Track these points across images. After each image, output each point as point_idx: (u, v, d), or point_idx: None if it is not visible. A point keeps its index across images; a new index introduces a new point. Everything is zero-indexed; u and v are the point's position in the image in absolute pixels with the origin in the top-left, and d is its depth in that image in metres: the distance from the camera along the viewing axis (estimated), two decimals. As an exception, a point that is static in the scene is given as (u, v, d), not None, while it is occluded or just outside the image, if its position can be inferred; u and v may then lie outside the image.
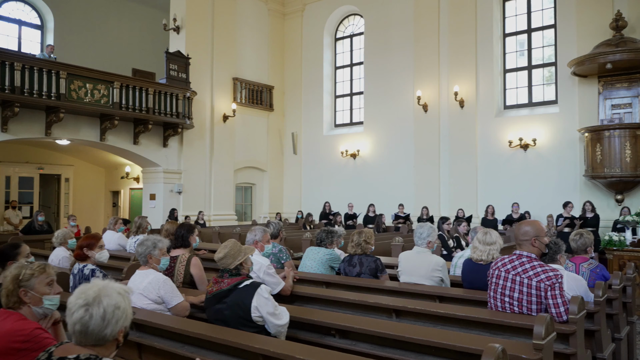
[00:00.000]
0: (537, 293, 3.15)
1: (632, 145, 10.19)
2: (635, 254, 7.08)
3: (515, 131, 12.36)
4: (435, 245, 4.55)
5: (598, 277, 4.27)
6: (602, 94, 11.28)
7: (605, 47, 10.51)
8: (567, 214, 10.29)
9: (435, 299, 4.17)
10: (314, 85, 16.34)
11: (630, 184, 10.55)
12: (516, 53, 13.16)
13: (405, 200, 13.46)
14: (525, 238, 3.33)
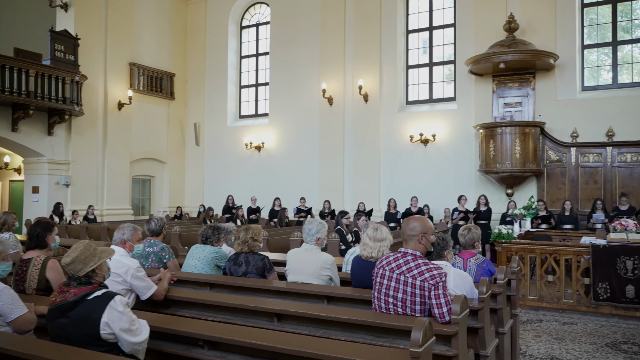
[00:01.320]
0: (421, 293, 3.00)
1: (521, 142, 10.71)
2: (522, 246, 7.37)
3: (416, 126, 12.61)
4: (325, 242, 4.32)
5: (484, 272, 4.26)
6: (496, 92, 11.77)
7: (499, 47, 10.95)
8: (462, 208, 10.64)
9: (323, 299, 3.93)
10: (218, 75, 15.71)
11: (519, 178, 11.12)
12: (418, 50, 13.43)
13: (310, 194, 13.33)
14: (413, 234, 3.17)
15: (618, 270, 6.69)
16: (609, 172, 10.63)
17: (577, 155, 10.90)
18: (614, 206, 10.06)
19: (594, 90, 11.32)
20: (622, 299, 6.67)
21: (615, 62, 11.29)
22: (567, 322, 6.62)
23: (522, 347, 5.50)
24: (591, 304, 6.88)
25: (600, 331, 6.23)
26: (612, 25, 11.33)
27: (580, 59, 11.45)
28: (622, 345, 5.67)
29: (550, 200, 11.03)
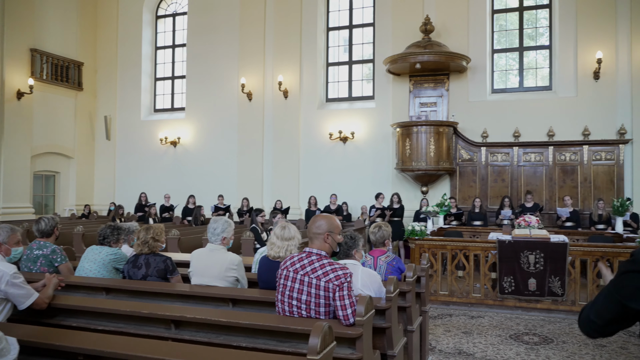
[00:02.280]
0: (326, 295, 2.88)
1: (435, 141, 11.01)
2: (434, 242, 7.53)
3: (335, 124, 12.62)
4: (231, 241, 4.10)
5: (394, 270, 4.23)
6: (412, 92, 12.03)
7: (415, 48, 11.18)
8: (379, 205, 10.77)
9: (229, 303, 3.72)
10: (132, 65, 14.92)
11: (433, 176, 11.43)
12: (338, 48, 13.46)
13: (228, 192, 12.97)
14: (319, 232, 3.04)
15: (522, 264, 6.99)
16: (516, 171, 11.19)
17: (487, 155, 11.37)
18: (519, 203, 10.58)
19: (502, 92, 11.86)
20: (525, 291, 6.99)
21: (521, 67, 11.89)
22: (475, 316, 6.83)
23: (432, 342, 5.58)
24: (497, 297, 7.15)
25: (505, 323, 6.47)
26: (519, 32, 11.92)
27: (491, 63, 11.96)
28: (524, 336, 5.92)
29: (462, 197, 11.44)
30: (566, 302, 6.91)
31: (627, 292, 1.46)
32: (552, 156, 10.95)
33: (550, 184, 10.94)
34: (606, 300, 1.54)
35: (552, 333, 6.04)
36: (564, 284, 6.86)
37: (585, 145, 10.74)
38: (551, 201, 10.84)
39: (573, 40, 11.04)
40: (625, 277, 1.49)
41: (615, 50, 10.69)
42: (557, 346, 5.55)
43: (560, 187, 10.85)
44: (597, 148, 10.68)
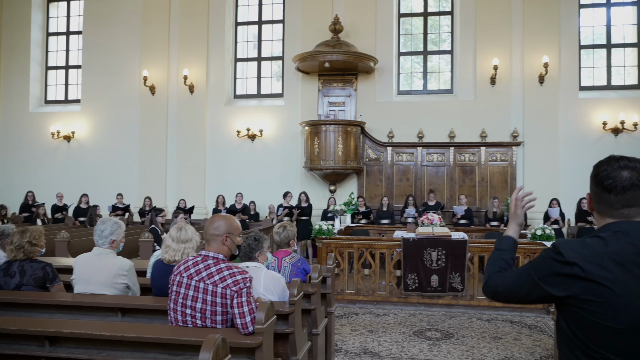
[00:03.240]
0: (223, 302, 2.65)
1: (344, 140, 11.07)
2: (341, 241, 7.52)
3: (243, 121, 12.31)
4: (121, 244, 3.73)
5: (299, 272, 4.09)
6: (321, 91, 12.02)
7: (324, 47, 11.17)
8: (287, 204, 10.63)
9: (117, 313, 3.37)
10: (18, 52, 13.59)
11: (341, 175, 11.49)
12: (247, 43, 13.15)
13: (129, 190, 12.23)
14: (217, 233, 2.80)
15: (425, 261, 7.16)
16: (419, 171, 11.55)
17: (393, 155, 11.63)
18: (423, 202, 10.93)
19: (407, 94, 12.20)
20: (427, 288, 7.16)
21: (425, 70, 12.30)
22: (380, 314, 6.88)
23: (338, 343, 5.52)
24: (402, 294, 7.27)
25: (409, 320, 6.58)
26: (423, 37, 12.32)
27: (397, 65, 12.25)
28: (427, 332, 6.04)
29: (369, 196, 11.60)
30: (465, 297, 7.18)
31: (543, 273, 1.58)
32: (453, 157, 11.42)
33: (451, 183, 11.41)
34: (520, 276, 1.66)
35: (452, 328, 6.22)
36: (463, 279, 7.11)
37: (483, 146, 11.32)
38: (452, 200, 11.30)
39: (472, 47, 11.59)
40: (544, 260, 1.59)
41: (509, 58, 11.37)
42: (457, 340, 5.71)
43: (460, 186, 11.34)
44: (493, 150, 11.30)
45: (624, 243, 1.50)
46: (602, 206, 1.62)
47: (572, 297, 1.51)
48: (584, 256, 1.50)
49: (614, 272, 1.46)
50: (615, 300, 1.45)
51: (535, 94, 11.19)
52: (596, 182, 1.65)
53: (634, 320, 1.44)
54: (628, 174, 1.56)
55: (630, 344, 1.45)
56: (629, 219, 1.57)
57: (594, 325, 1.48)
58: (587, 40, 11.67)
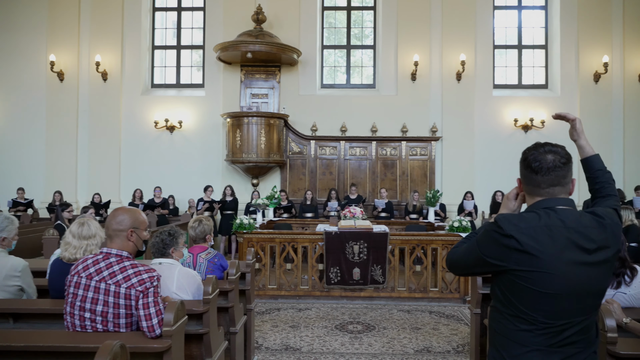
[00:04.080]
0: (127, 303, 2.42)
1: (266, 133, 10.88)
2: (262, 236, 7.35)
3: (162, 112, 11.77)
4: (14, 242, 3.35)
5: (216, 268, 3.88)
6: (244, 82, 11.74)
7: (247, 36, 10.89)
8: (208, 198, 10.30)
9: (9, 319, 3.02)
10: None
11: (264, 169, 11.30)
12: (165, 30, 12.57)
13: (34, 184, 11.36)
14: (120, 228, 2.55)
15: (347, 254, 7.16)
16: (342, 164, 11.60)
17: (316, 148, 11.60)
18: (345, 195, 10.98)
19: (331, 88, 12.20)
20: (349, 281, 7.17)
21: (348, 65, 12.36)
22: (303, 308, 6.80)
23: (259, 340, 5.37)
24: (324, 288, 7.23)
25: (331, 314, 6.54)
26: (346, 31, 12.36)
27: (320, 58, 12.20)
28: (348, 325, 6.02)
29: (293, 190, 11.51)
30: (386, 289, 7.25)
31: (485, 245, 1.76)
32: (375, 151, 11.57)
33: (373, 177, 11.56)
34: (468, 249, 1.84)
35: (374, 320, 6.26)
36: (384, 271, 7.18)
37: (404, 141, 11.55)
38: (374, 193, 11.45)
39: (394, 43, 11.77)
40: (486, 233, 1.77)
41: (429, 55, 11.66)
42: (378, 332, 5.73)
43: (381, 180, 11.52)
44: (414, 144, 11.56)
45: (554, 218, 1.69)
46: (531, 187, 1.80)
47: (509, 266, 1.68)
48: (520, 229, 1.67)
49: (545, 244, 1.65)
50: (545, 268, 1.64)
51: (453, 91, 11.57)
52: (525, 166, 1.81)
53: (561, 286, 1.64)
54: (552, 157, 1.76)
55: (556, 305, 1.65)
56: (554, 196, 1.77)
57: (527, 291, 1.66)
58: (500, 40, 12.22)
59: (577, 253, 1.65)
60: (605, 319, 2.34)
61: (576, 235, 1.66)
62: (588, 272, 1.65)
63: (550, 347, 1.67)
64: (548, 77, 12.01)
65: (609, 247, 1.70)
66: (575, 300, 1.66)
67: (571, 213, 1.71)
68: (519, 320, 1.69)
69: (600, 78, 11.43)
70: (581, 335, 1.69)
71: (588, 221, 1.70)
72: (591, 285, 1.67)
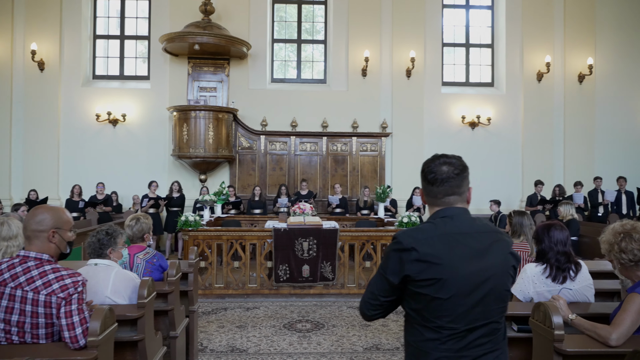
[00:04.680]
0: (47, 312, 2.20)
1: (215, 127, 10.59)
2: (209, 233, 7.11)
3: (104, 104, 11.25)
4: None
5: (155, 269, 3.67)
6: (191, 75, 11.38)
7: (194, 28, 10.55)
8: (153, 194, 9.94)
9: None
10: None
11: (212, 164, 11.00)
12: (108, 19, 11.99)
13: (-38, 180, 10.59)
14: (41, 229, 2.31)
15: (296, 251, 7.04)
16: (293, 160, 11.46)
17: (266, 143, 11.40)
18: (295, 191, 10.85)
19: (281, 82, 12.02)
20: (299, 278, 7.05)
21: (299, 59, 12.21)
22: (251, 307, 6.63)
23: (204, 342, 5.17)
24: (273, 286, 7.08)
25: (280, 312, 6.41)
26: (297, 25, 12.20)
27: (271, 52, 12.00)
28: (297, 324, 5.90)
29: (242, 186, 11.28)
30: (336, 285, 7.19)
31: (389, 266, 1.76)
32: (325, 146, 11.49)
33: (323, 173, 11.48)
34: (377, 279, 1.82)
35: (323, 318, 6.17)
36: (334, 268, 7.11)
37: (354, 137, 11.53)
38: (324, 189, 11.38)
39: (345, 38, 11.71)
40: (387, 255, 1.78)
41: (379, 51, 11.67)
42: (327, 331, 5.65)
43: (332, 176, 11.46)
44: (364, 140, 11.56)
45: (450, 225, 1.75)
46: (430, 197, 1.87)
47: (412, 278, 1.71)
48: (418, 240, 1.72)
49: (443, 251, 1.70)
50: (445, 274, 1.69)
51: (402, 87, 11.63)
52: (423, 177, 1.90)
53: (459, 288, 1.69)
54: (446, 168, 1.83)
55: (458, 310, 1.69)
56: (451, 205, 1.82)
57: (429, 299, 1.70)
58: (449, 38, 12.39)
59: (474, 258, 1.71)
60: (552, 316, 2.32)
61: (472, 241, 1.73)
62: (486, 276, 1.71)
63: (458, 352, 1.71)
64: (494, 76, 12.29)
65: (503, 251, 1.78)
66: (477, 304, 1.70)
67: (466, 220, 1.79)
68: (425, 329, 1.73)
69: (542, 77, 11.78)
70: (488, 338, 1.74)
71: (482, 227, 1.79)
72: (492, 288, 1.72)
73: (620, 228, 2.47)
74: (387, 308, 1.83)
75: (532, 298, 2.97)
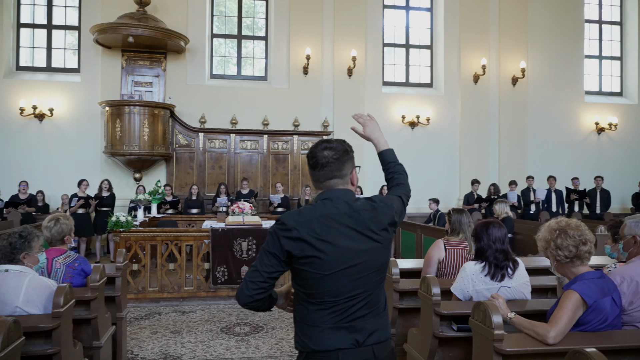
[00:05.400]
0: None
1: (150, 123, 10.16)
2: (142, 234, 6.76)
3: (29, 98, 10.54)
4: None
5: (76, 274, 3.38)
6: (125, 68, 10.87)
7: (129, 19, 10.09)
8: (82, 194, 9.39)
9: None
10: None
11: (148, 162, 10.56)
12: (34, 7, 11.24)
13: None
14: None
15: (235, 252, 6.83)
16: (233, 158, 11.19)
17: (205, 141, 11.07)
18: (236, 190, 10.60)
19: (221, 79, 11.71)
20: (237, 280, 6.84)
21: (240, 55, 11.94)
22: (186, 311, 6.36)
23: (135, 349, 4.87)
24: (210, 288, 6.84)
25: (218, 315, 6.18)
26: (238, 20, 11.92)
27: (210, 47, 11.66)
28: (235, 327, 5.70)
29: (180, 184, 10.90)
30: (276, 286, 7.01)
31: (273, 244, 1.83)
32: (266, 144, 11.30)
33: (264, 171, 11.28)
34: (261, 257, 1.85)
35: (262, 320, 5.99)
36: (274, 269, 6.94)
37: (296, 135, 11.41)
38: (265, 188, 11.19)
39: (286, 35, 11.56)
40: (271, 235, 1.85)
41: (321, 49, 11.61)
42: (266, 334, 5.48)
43: (273, 175, 11.28)
44: (305, 138, 11.46)
45: (330, 207, 1.85)
46: (314, 181, 1.96)
47: (295, 257, 1.80)
48: (299, 222, 1.82)
49: (322, 232, 1.80)
50: (324, 253, 1.79)
51: (344, 86, 11.62)
52: (307, 162, 1.95)
53: (338, 264, 1.80)
54: (327, 153, 1.90)
55: (339, 284, 1.80)
56: (332, 188, 1.91)
57: (311, 275, 1.80)
58: (389, 39, 12.51)
59: (351, 236, 1.82)
60: (492, 315, 2.28)
61: (350, 220, 1.83)
62: (364, 251, 1.83)
63: (340, 322, 1.81)
64: (433, 77, 12.52)
65: (380, 227, 1.87)
66: (357, 277, 1.82)
67: (346, 201, 1.87)
68: (310, 304, 1.83)
69: (479, 79, 12.12)
70: (368, 309, 1.86)
71: (361, 206, 1.88)
72: (369, 262, 1.84)
73: (555, 225, 2.47)
74: (267, 289, 1.84)
75: (472, 297, 2.95)
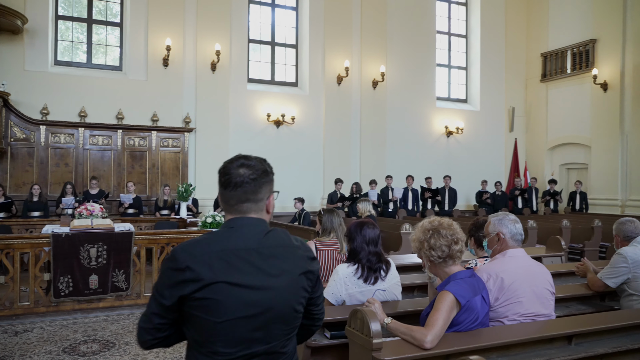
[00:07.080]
0: None
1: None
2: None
3: None
4: None
5: None
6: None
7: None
8: None
9: None
10: None
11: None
12: None
13: None
14: None
15: (82, 260, 6.08)
16: (81, 155, 10.10)
17: (48, 135, 9.84)
18: (84, 190, 9.59)
19: (68, 66, 10.51)
20: (85, 291, 6.11)
21: (90, 42, 10.82)
22: (21, 331, 5.50)
23: (-52, 383, 4.04)
24: (51, 302, 6.01)
25: (60, 333, 5.43)
26: (88, 2, 10.80)
27: (54, 30, 10.41)
28: (81, 346, 5.05)
29: (16, 184, 9.56)
30: (131, 295, 6.41)
31: (163, 288, 1.52)
32: (121, 140, 10.39)
33: (118, 170, 10.36)
34: (151, 299, 1.56)
35: (114, 335, 5.39)
36: (128, 276, 6.33)
37: (154, 131, 10.65)
38: (119, 187, 10.27)
39: (144, 23, 10.74)
40: (163, 274, 1.53)
41: (183, 41, 10.99)
42: (119, 350, 4.92)
43: (129, 173, 10.41)
44: (165, 135, 10.76)
45: (235, 239, 1.55)
46: (223, 203, 1.65)
47: (187, 299, 1.49)
48: (194, 257, 1.50)
49: (220, 269, 1.49)
50: (219, 295, 1.48)
51: (207, 81, 11.14)
52: (218, 179, 1.66)
53: (235, 311, 1.49)
54: (243, 171, 1.62)
55: (234, 333, 1.50)
56: (244, 214, 1.60)
57: (203, 321, 1.49)
58: (255, 35, 12.27)
59: (257, 277, 1.52)
60: (370, 322, 2.15)
61: (256, 257, 1.54)
62: (269, 297, 1.53)
63: None
64: (298, 76, 12.54)
65: (294, 270, 1.59)
66: (257, 328, 1.52)
67: (257, 233, 1.58)
68: (200, 354, 1.53)
69: (342, 81, 12.40)
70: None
71: (274, 241, 1.59)
72: (273, 310, 1.53)
73: (428, 225, 2.43)
74: (165, 333, 1.57)
75: (345, 301, 2.83)
